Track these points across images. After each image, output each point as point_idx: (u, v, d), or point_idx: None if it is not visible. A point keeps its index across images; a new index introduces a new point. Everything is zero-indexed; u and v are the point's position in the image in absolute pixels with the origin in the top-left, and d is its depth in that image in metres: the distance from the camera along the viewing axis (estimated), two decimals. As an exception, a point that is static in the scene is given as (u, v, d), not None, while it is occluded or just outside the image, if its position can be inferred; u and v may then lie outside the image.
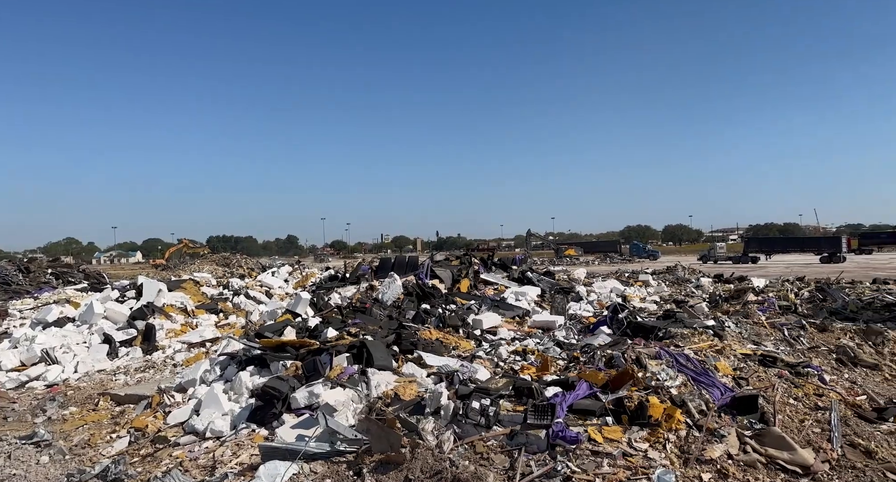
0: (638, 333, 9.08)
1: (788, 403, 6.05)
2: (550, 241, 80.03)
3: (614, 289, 15.76)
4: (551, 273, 16.91)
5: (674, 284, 18.33)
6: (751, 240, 62.15)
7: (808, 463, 4.97)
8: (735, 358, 7.58)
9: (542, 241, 79.38)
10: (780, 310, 12.08)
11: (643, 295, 15.77)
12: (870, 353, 9.17)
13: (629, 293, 15.54)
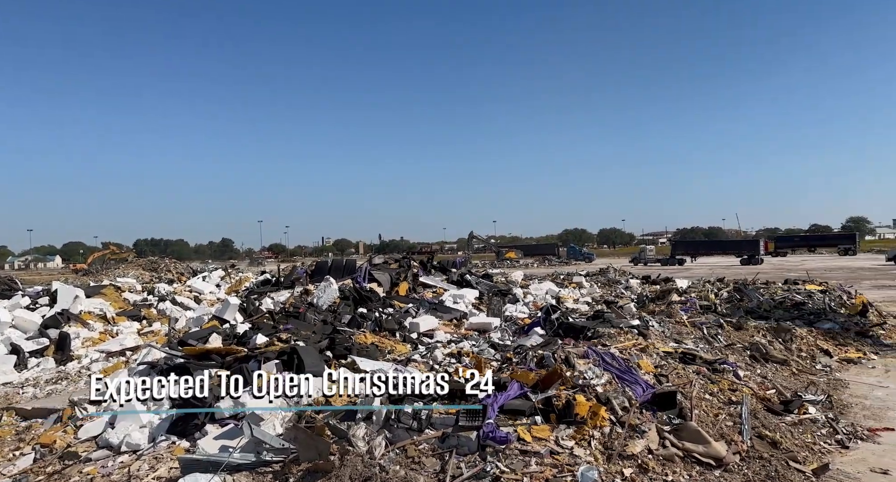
0: (569, 333, 9.35)
1: (704, 398, 6.39)
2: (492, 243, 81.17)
3: (549, 290, 16.15)
4: (490, 275, 17.14)
5: (605, 286, 19.00)
6: (677, 243, 65.51)
7: (720, 455, 5.27)
8: (657, 356, 7.92)
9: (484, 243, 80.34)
10: (700, 309, 12.75)
11: (576, 296, 16.24)
12: (780, 350, 9.83)
13: (563, 294, 15.97)
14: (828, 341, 10.60)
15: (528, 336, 9.51)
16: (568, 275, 21.75)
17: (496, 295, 13.66)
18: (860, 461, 5.33)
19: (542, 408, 5.96)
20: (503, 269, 30.80)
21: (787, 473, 5.01)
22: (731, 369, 7.95)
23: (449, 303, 11.98)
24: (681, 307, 12.89)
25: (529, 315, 11.94)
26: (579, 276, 20.43)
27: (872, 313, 13.72)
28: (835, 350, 10.20)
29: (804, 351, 9.95)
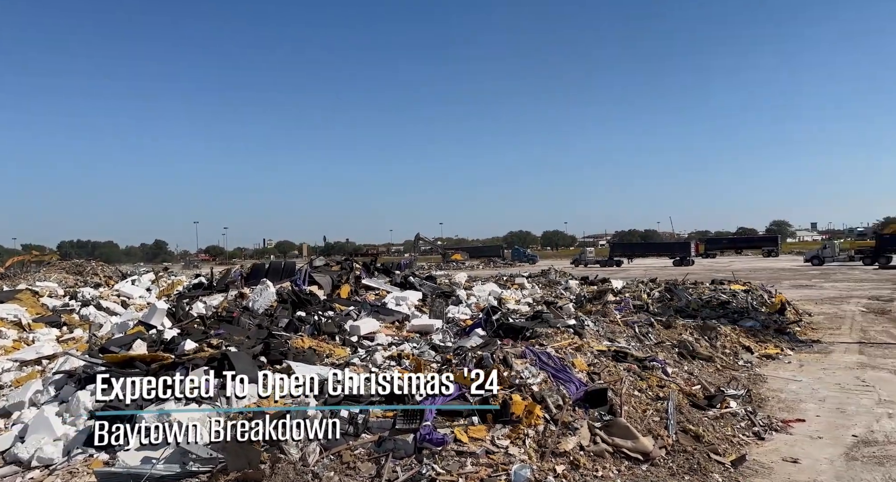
0: (509, 334, 9.47)
1: (634, 395, 6.63)
2: (438, 245, 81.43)
3: (492, 292, 16.32)
4: (433, 277, 17.16)
5: (546, 286, 19.41)
6: (615, 245, 67.82)
7: (647, 449, 5.49)
8: (592, 354, 8.16)
9: (430, 245, 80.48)
10: (634, 309, 13.24)
11: (518, 297, 16.50)
12: (705, 347, 10.34)
13: (506, 296, 16.18)
14: (749, 338, 11.24)
15: (469, 337, 9.57)
16: (511, 277, 22.07)
17: (439, 297, 13.68)
18: (774, 451, 5.68)
19: (480, 409, 6.04)
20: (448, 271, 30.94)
21: (708, 465, 5.27)
22: (660, 366, 8.30)
23: (391, 306, 11.89)
24: (615, 307, 13.33)
25: (471, 316, 12.02)
26: (521, 278, 20.77)
27: (790, 311, 14.69)
28: (755, 346, 10.83)
29: (728, 348, 10.50)
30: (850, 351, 10.71)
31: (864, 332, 12.72)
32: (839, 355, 10.37)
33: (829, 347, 11.11)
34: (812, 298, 19.85)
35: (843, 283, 26.17)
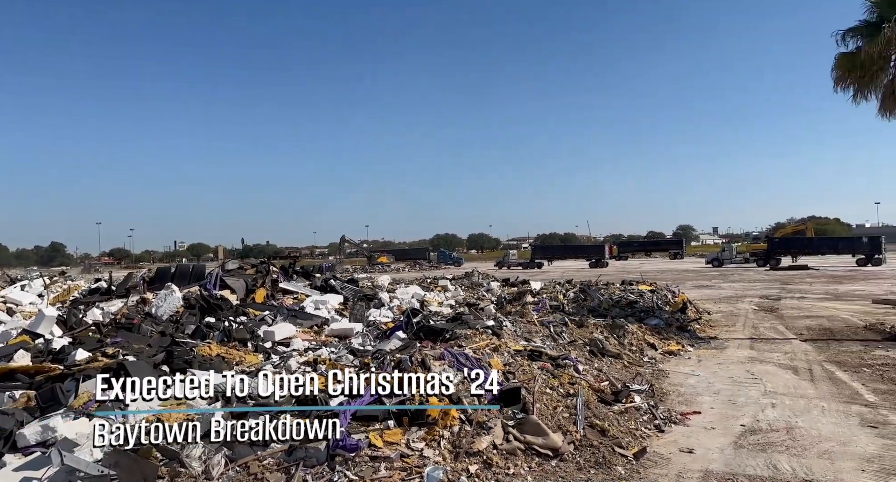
0: (429, 336, 9.52)
1: (546, 392, 6.83)
2: (364, 248, 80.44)
3: (415, 294, 16.32)
4: (355, 280, 16.93)
5: (469, 288, 19.67)
6: (536, 248, 69.92)
7: (557, 445, 5.67)
8: (508, 354, 8.35)
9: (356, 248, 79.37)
10: (550, 309, 13.70)
11: (441, 299, 16.60)
12: (614, 344, 10.86)
13: (429, 298, 16.24)
14: (654, 336, 11.93)
15: (389, 340, 9.51)
16: (435, 279, 22.20)
17: (361, 300, 13.51)
18: (672, 443, 6.04)
19: (396, 412, 6.00)
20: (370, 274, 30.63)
21: (612, 458, 5.52)
22: (572, 364, 8.62)
23: (310, 310, 11.61)
24: (533, 307, 13.74)
25: (393, 319, 11.95)
26: (445, 280, 20.94)
27: (691, 310, 15.76)
28: (659, 343, 11.50)
29: (634, 345, 11.09)
30: (743, 346, 11.63)
31: (755, 329, 13.87)
32: (733, 350, 11.23)
33: (724, 343, 12.00)
34: (711, 298, 21.41)
35: (738, 284, 28.43)
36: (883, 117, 12.00)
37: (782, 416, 6.76)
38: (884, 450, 5.54)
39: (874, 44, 11.32)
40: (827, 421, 6.54)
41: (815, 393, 7.84)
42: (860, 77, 11.86)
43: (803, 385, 8.28)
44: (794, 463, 5.27)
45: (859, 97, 12.16)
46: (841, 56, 12.21)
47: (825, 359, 9.98)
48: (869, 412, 6.82)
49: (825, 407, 7.11)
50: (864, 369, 9.05)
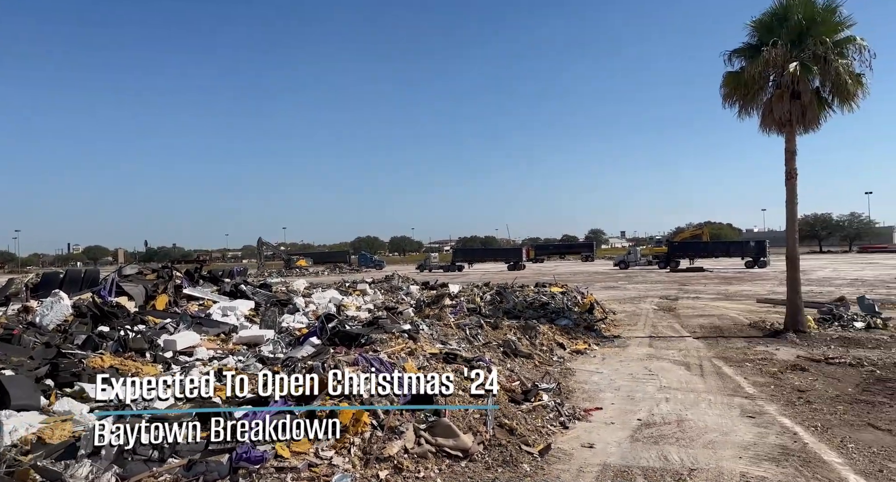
0: (344, 341, 9.39)
1: (458, 394, 6.94)
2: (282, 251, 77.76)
3: (333, 299, 16.04)
4: (268, 285, 16.37)
5: (388, 292, 19.59)
6: (457, 251, 70.90)
7: (467, 446, 5.78)
8: (424, 357, 8.40)
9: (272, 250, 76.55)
10: (467, 311, 13.93)
11: (359, 303, 16.42)
12: (526, 345, 11.22)
13: (347, 302, 16.02)
14: (563, 336, 12.45)
15: (302, 347, 9.28)
16: (353, 283, 21.92)
17: (274, 305, 13.08)
18: (575, 438, 6.33)
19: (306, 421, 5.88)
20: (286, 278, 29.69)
21: (519, 456, 5.70)
22: (486, 365, 8.81)
23: (217, 317, 11.10)
24: (451, 310, 13.91)
25: (308, 325, 11.68)
26: (364, 284, 20.73)
27: (598, 310, 16.59)
28: (568, 343, 12.02)
29: (545, 345, 11.52)
30: (643, 344, 12.39)
31: (654, 328, 14.83)
32: (634, 348, 11.94)
33: (626, 342, 12.73)
34: (617, 298, 22.65)
35: (642, 285, 30.27)
36: (764, 132, 13.28)
37: (674, 410, 7.28)
38: (758, 438, 6.11)
39: (755, 65, 12.52)
40: (712, 413, 7.12)
41: (704, 387, 8.51)
42: (744, 95, 13.05)
43: (694, 380, 8.96)
44: (682, 454, 5.70)
45: (744, 113, 13.37)
46: (728, 75, 13.39)
47: (714, 355, 10.85)
48: (748, 403, 7.50)
49: (711, 400, 7.74)
50: (746, 364, 9.93)
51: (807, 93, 12.22)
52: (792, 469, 5.18)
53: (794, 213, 13.40)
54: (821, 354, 10.32)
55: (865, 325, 12.97)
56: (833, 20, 12.27)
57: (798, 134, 12.79)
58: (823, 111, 12.68)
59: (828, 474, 5.05)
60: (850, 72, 12.11)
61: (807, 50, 12.07)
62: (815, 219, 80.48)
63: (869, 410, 6.99)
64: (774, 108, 12.52)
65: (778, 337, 12.42)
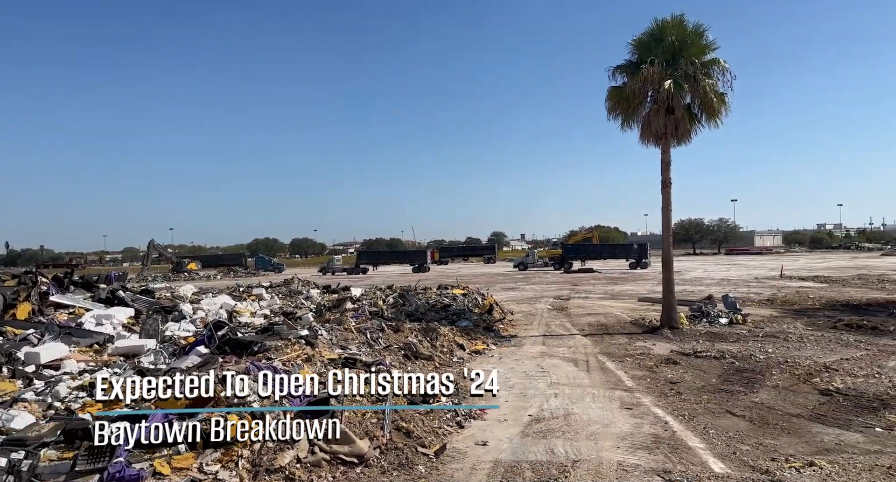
0: (236, 349, 8.97)
1: (355, 400, 6.87)
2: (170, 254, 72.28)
3: (224, 304, 15.24)
4: (150, 291, 15.20)
5: (287, 297, 18.95)
6: (361, 253, 69.92)
7: (363, 452, 5.73)
8: (322, 364, 8.23)
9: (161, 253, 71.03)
10: (370, 315, 13.82)
11: (254, 309, 15.73)
12: (427, 347, 11.34)
13: (240, 308, 15.28)
14: (463, 337, 12.72)
15: (187, 357, 8.73)
16: (249, 287, 20.96)
17: (157, 313, 12.18)
18: (470, 437, 6.50)
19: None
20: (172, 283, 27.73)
21: (414, 458, 5.75)
22: (386, 369, 8.80)
23: (90, 326, 10.15)
24: (353, 314, 13.72)
25: (195, 333, 11.00)
26: (260, 288, 19.89)
27: (497, 311, 17.13)
28: (468, 344, 12.30)
29: (445, 346, 11.70)
30: (537, 343, 12.97)
31: (547, 327, 15.58)
32: (529, 347, 12.47)
33: (522, 341, 13.26)
34: (515, 299, 23.53)
35: (539, 285, 31.68)
36: (643, 144, 14.46)
37: (562, 405, 7.70)
38: (635, 428, 6.63)
39: (636, 81, 13.61)
40: (596, 406, 7.61)
41: (590, 382, 9.08)
42: (626, 109, 14.15)
43: (581, 375, 9.53)
44: (567, 446, 6.04)
45: (626, 126, 14.49)
46: (612, 89, 14.44)
47: (599, 351, 11.60)
48: (627, 396, 8.10)
49: (595, 394, 8.27)
50: (627, 359, 10.72)
51: (679, 108, 13.48)
52: (662, 456, 5.67)
53: (669, 219, 14.70)
54: (690, 349, 11.39)
55: (729, 321, 14.48)
56: (701, 43, 13.63)
57: (672, 146, 14.05)
58: (694, 126, 14.03)
59: (691, 458, 5.59)
60: (716, 91, 13.52)
61: (680, 69, 13.32)
62: (690, 223, 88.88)
63: (728, 398, 7.81)
64: (652, 122, 13.67)
65: (655, 333, 13.53)
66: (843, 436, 6.11)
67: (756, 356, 10.40)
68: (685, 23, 13.57)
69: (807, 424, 6.59)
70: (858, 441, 5.96)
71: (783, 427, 6.51)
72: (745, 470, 5.25)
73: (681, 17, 13.60)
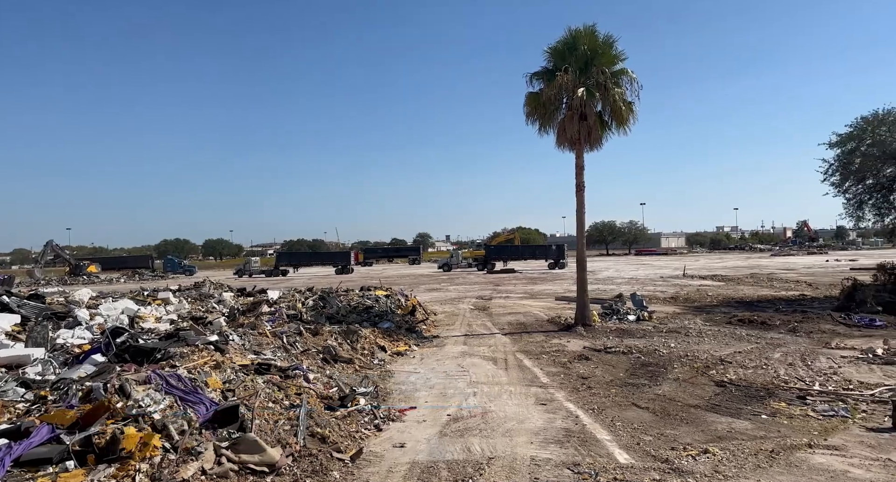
0: (136, 357, 8.39)
1: (268, 407, 6.61)
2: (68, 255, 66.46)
3: (126, 310, 14.19)
4: (41, 296, 13.90)
5: (197, 300, 17.95)
6: (281, 254, 67.50)
7: (274, 461, 5.50)
8: (232, 370, 7.84)
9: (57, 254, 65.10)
10: (287, 318, 13.36)
11: (160, 314, 14.78)
12: (347, 350, 11.13)
13: (143, 313, 14.29)
14: (385, 338, 12.61)
15: (80, 366, 8.03)
16: (154, 291, 19.68)
17: (47, 319, 11.14)
18: (387, 440, 6.42)
19: (81, 450, 5.11)
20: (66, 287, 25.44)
21: (329, 464, 5.60)
22: (302, 374, 8.54)
23: (-35, 335, 9.08)
24: (269, 318, 13.22)
25: (91, 340, 10.17)
26: (167, 292, 18.72)
27: (420, 312, 17.14)
28: (389, 345, 12.20)
29: (366, 349, 11.54)
30: (458, 342, 13.10)
31: (469, 326, 15.77)
32: (450, 347, 12.56)
33: (444, 341, 13.34)
34: (439, 299, 23.68)
35: (462, 286, 32.06)
36: (559, 149, 15.00)
37: (480, 403, 7.80)
38: (548, 423, 6.83)
39: (551, 87, 14.11)
40: (512, 403, 7.78)
41: (507, 379, 9.27)
42: (543, 114, 14.63)
43: (499, 373, 9.71)
44: (483, 444, 6.12)
45: (543, 131, 14.98)
46: (529, 95, 14.88)
47: (518, 349, 11.89)
48: (542, 392, 8.34)
49: (512, 391, 8.45)
50: (543, 356, 11.05)
51: (592, 115, 14.10)
52: (572, 449, 5.88)
53: (583, 221, 15.34)
54: (601, 345, 11.93)
55: (636, 318, 15.32)
56: (611, 53, 14.35)
57: (586, 151, 14.69)
58: (605, 132, 14.74)
59: (599, 451, 5.83)
60: (624, 100, 14.27)
61: (592, 78, 13.96)
62: (603, 226, 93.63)
63: (634, 391, 8.24)
64: (567, 128, 14.22)
65: (570, 330, 14.07)
66: (734, 424, 6.61)
67: (660, 351, 11.06)
68: (596, 33, 14.22)
69: (703, 414, 7.07)
70: (747, 428, 6.47)
71: (682, 417, 6.95)
72: (647, 459, 5.54)
73: (592, 28, 14.24)
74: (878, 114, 17.05)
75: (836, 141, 17.56)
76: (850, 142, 17.22)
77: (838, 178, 17.61)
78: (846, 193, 17.66)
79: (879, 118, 16.93)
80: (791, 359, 9.93)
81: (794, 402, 7.39)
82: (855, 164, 17.11)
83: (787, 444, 5.83)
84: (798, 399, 7.54)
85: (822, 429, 6.34)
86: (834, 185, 17.74)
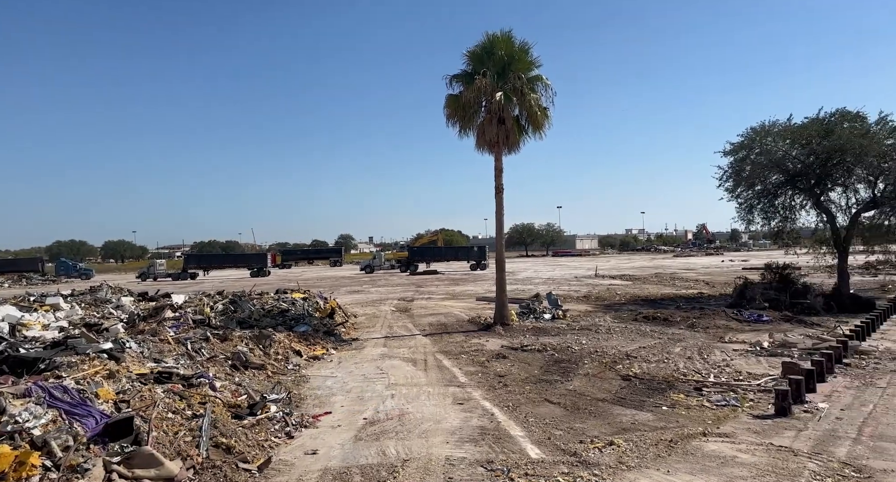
0: (16, 368, 7.58)
1: (167, 418, 6.16)
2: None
3: (7, 316, 12.82)
4: None
5: (92, 306, 16.55)
6: (189, 256, 63.44)
7: (172, 475, 5.12)
8: (127, 380, 7.26)
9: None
10: (193, 324, 12.60)
11: (48, 321, 13.48)
12: (259, 355, 10.64)
13: (29, 320, 12.98)
14: (301, 342, 12.20)
15: (-55, 381, 7.12)
16: (43, 296, 17.93)
17: None
18: (299, 447, 6.19)
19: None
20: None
21: (235, 475, 5.30)
22: (208, 382, 8.05)
23: None
24: (172, 324, 12.42)
25: (-38, 351, 9.05)
26: (57, 297, 17.12)
27: (339, 314, 16.76)
28: (305, 349, 11.81)
29: (280, 354, 11.10)
30: (378, 345, 12.93)
31: (390, 328, 15.63)
32: (370, 349, 12.36)
33: (364, 344, 13.12)
34: (360, 302, 23.31)
35: (384, 288, 31.77)
36: (479, 151, 15.21)
37: (398, 405, 7.72)
38: (464, 422, 6.87)
39: (471, 90, 14.31)
40: (430, 403, 7.76)
41: (426, 380, 9.24)
42: (463, 117, 14.81)
43: (418, 374, 9.67)
44: (399, 446, 6.04)
45: (463, 133, 15.15)
46: (449, 97, 15.01)
47: (438, 350, 11.91)
48: (460, 391, 8.39)
49: (431, 391, 8.43)
50: (462, 356, 11.14)
51: (509, 119, 14.45)
52: (486, 447, 5.94)
53: (502, 223, 15.67)
54: (518, 343, 12.21)
55: (552, 317, 15.84)
56: (527, 59, 14.78)
57: (504, 154, 15.02)
58: (522, 136, 15.13)
59: (512, 447, 5.92)
60: (540, 105, 14.74)
61: (509, 82, 14.30)
62: (522, 228, 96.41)
63: (547, 388, 8.48)
64: (486, 131, 14.47)
65: (489, 330, 14.30)
66: (637, 416, 6.96)
67: (572, 347, 11.48)
68: (513, 39, 14.60)
69: (610, 407, 7.40)
70: (649, 419, 6.83)
71: (591, 411, 7.23)
72: (557, 454, 5.69)
73: (509, 33, 14.60)
74: (764, 125, 18.65)
75: (729, 149, 19.03)
76: (742, 150, 18.71)
77: (731, 184, 19.06)
78: (738, 198, 19.13)
79: (766, 129, 18.53)
80: (690, 353, 10.64)
81: (692, 394, 7.90)
82: (745, 172, 18.59)
83: (684, 434, 6.20)
84: (695, 391, 8.07)
85: (716, 418, 6.81)
86: (728, 190, 19.18)
